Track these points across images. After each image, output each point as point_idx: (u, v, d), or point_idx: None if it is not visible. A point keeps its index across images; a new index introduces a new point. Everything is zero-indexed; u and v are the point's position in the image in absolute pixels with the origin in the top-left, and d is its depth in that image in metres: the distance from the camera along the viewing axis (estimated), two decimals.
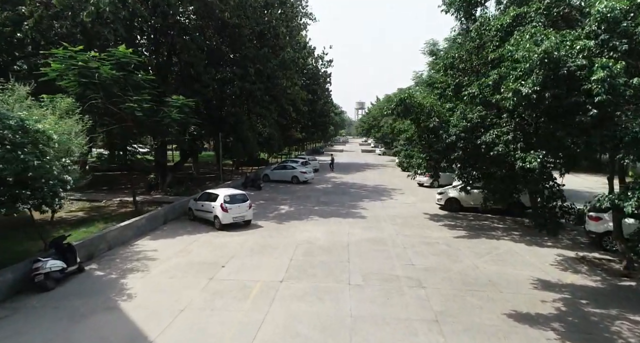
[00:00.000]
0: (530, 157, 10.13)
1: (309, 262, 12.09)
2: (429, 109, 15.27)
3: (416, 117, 15.44)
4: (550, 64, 8.98)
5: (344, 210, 20.12)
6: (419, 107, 15.12)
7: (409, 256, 12.79)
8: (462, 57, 15.51)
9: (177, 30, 21.67)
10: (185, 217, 17.99)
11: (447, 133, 14.71)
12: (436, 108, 15.57)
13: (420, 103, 15.13)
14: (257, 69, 24.48)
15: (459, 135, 14.26)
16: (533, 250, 13.54)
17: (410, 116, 15.61)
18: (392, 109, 15.33)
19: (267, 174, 31.59)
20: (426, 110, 15.21)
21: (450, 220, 18.18)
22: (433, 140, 15.74)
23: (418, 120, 15.64)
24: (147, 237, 14.58)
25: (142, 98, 15.40)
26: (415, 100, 15.11)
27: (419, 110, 15.15)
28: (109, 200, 20.91)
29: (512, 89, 9.55)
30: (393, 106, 15.23)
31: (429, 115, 15.23)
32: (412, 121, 16.36)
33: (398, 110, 15.19)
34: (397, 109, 15.13)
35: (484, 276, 11.01)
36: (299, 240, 14.43)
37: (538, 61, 9.02)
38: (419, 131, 16.41)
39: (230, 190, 16.86)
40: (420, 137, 16.70)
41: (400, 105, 14.93)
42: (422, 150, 17.40)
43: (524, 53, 9.44)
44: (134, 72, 15.71)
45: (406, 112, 15.14)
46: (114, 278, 10.43)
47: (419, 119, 15.50)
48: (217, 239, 14.57)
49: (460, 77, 15.72)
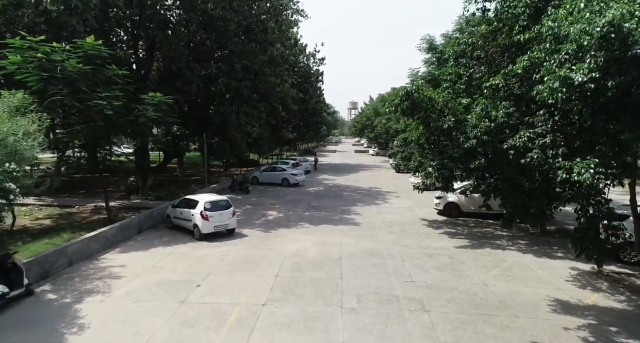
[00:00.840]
0: (579, 167, 7.74)
1: (297, 279, 10.71)
2: (442, 106, 13.05)
3: (425, 115, 13.23)
4: (615, 41, 6.98)
5: (337, 216, 18.78)
6: (430, 103, 12.92)
7: (409, 271, 11.48)
8: (476, 44, 13.41)
9: (157, 22, 20.13)
10: (164, 225, 16.48)
11: (464, 135, 12.35)
12: (451, 104, 13.17)
13: (431, 98, 12.99)
14: (244, 65, 23.03)
15: (480, 138, 11.76)
16: (543, 262, 12.32)
17: (418, 114, 13.45)
18: (396, 105, 13.12)
19: (256, 176, 30.12)
20: (438, 107, 13.01)
21: (450, 227, 16.92)
22: (447, 145, 13.50)
23: (427, 120, 13.40)
24: (117, 249, 13.07)
25: (112, 94, 13.90)
26: (424, 94, 12.97)
27: (429, 106, 12.94)
28: (82, 205, 19.32)
29: (562, 76, 7.43)
30: (397, 101, 13.05)
31: (441, 113, 12.99)
32: (420, 120, 14.02)
33: (403, 107, 13.01)
34: (402, 104, 12.94)
35: (494, 296, 9.73)
36: (286, 252, 13.05)
37: (598, 38, 7.03)
38: (428, 133, 14.06)
39: (212, 196, 15.39)
40: (430, 140, 14.45)
41: (406, 100, 12.74)
42: (432, 157, 15.10)
43: (583, 26, 7.28)
44: (105, 66, 14.24)
45: (413, 108, 12.94)
46: (68, 302, 8.93)
47: (429, 118, 13.31)
48: (196, 251, 13.11)
49: (476, 67, 13.63)
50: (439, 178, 14.79)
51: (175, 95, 20.36)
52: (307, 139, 70.81)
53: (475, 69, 13.66)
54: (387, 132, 48.94)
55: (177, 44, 20.77)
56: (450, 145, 13.27)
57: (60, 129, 15.25)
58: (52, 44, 12.86)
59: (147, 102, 15.60)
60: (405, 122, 17.41)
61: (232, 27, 22.19)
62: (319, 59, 47.28)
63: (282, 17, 26.42)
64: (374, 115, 64.21)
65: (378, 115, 59.88)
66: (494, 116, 11.61)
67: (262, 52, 24.22)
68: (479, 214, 18.30)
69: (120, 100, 14.18)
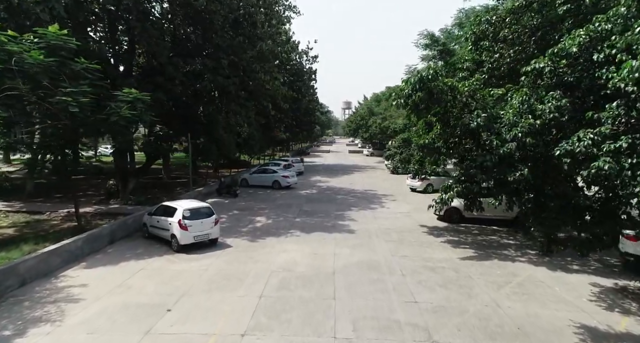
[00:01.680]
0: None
1: (284, 300, 9.35)
2: (467, 97, 10.44)
3: (444, 110, 10.62)
4: None
5: (330, 222, 17.44)
6: (451, 94, 10.23)
7: (410, 288, 10.17)
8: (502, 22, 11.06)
9: (136, 14, 18.63)
10: (140, 234, 15.01)
11: (498, 137, 9.77)
12: (479, 95, 10.57)
13: (453, 87, 10.30)
14: (232, 61, 21.60)
15: (520, 140, 9.22)
16: (559, 277, 11.09)
17: (435, 109, 10.76)
18: (406, 96, 10.37)
19: (246, 179, 28.67)
20: (462, 99, 10.39)
21: (452, 235, 15.67)
22: (471, 149, 10.97)
23: (447, 116, 10.77)
24: (82, 264, 11.59)
25: (79, 90, 12.43)
26: (444, 81, 10.20)
27: (451, 98, 10.28)
28: (54, 211, 17.76)
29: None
30: (408, 91, 10.27)
31: (465, 107, 10.40)
32: (436, 117, 11.22)
33: (416, 99, 10.23)
34: (414, 96, 10.18)
35: (510, 320, 8.46)
36: (273, 266, 11.68)
37: None
38: (447, 134, 11.27)
39: (192, 203, 13.96)
40: (449, 143, 11.65)
41: (420, 89, 9.96)
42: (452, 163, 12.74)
43: None
44: (72, 59, 12.80)
45: (430, 101, 10.18)
46: (5, 337, 7.47)
47: (449, 114, 10.67)
48: (171, 266, 11.69)
49: (502, 50, 11.29)
50: (461, 193, 11.86)
51: (157, 92, 18.93)
52: (300, 139, 69.41)
53: (503, 52, 11.25)
54: (383, 132, 47.71)
55: (158, 37, 19.30)
56: (477, 150, 10.62)
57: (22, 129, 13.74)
58: (7, 33, 11.39)
59: (121, 99, 14.15)
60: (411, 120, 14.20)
61: (218, 21, 20.79)
62: (312, 57, 45.92)
63: (272, 10, 25.00)
64: (369, 114, 63.00)
65: (373, 115, 58.69)
66: (539, 111, 8.94)
67: (251, 47, 22.81)
68: (482, 220, 17.09)
69: (89, 97, 12.74)
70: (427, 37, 19.75)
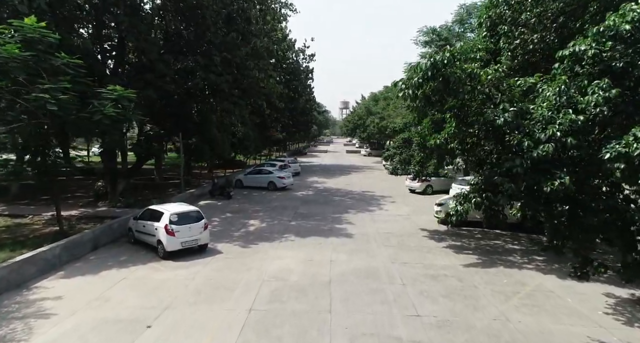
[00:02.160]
0: None
1: (275, 314, 8.61)
2: (491, 87, 8.80)
3: (461, 104, 8.95)
4: None
5: (327, 226, 16.70)
6: (470, 83, 8.51)
7: (412, 300, 9.45)
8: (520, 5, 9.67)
9: (124, 8, 17.82)
10: (126, 240, 14.22)
11: (530, 138, 8.15)
12: (505, 84, 8.85)
13: (472, 74, 8.51)
14: (224, 58, 20.81)
15: (559, 141, 7.73)
16: (570, 286, 10.38)
17: (450, 102, 9.03)
18: (416, 86, 8.52)
19: (240, 180, 27.88)
20: (485, 90, 8.77)
21: (454, 239, 14.97)
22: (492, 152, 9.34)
23: (464, 111, 9.07)
24: (60, 273, 10.79)
25: (58, 87, 11.64)
26: (462, 68, 8.41)
27: (470, 88, 8.57)
28: (37, 215, 16.96)
29: None
30: (418, 80, 8.45)
31: (489, 99, 8.78)
32: (450, 113, 9.51)
33: (426, 90, 8.55)
34: (425, 86, 8.49)
35: (522, 338, 7.74)
36: (265, 275, 10.94)
37: None
38: (462, 133, 9.53)
39: (180, 207, 13.18)
40: (466, 144, 9.89)
41: (432, 77, 8.23)
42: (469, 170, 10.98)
43: None
44: (52, 54, 12.05)
45: (445, 91, 8.50)
46: None
47: (467, 109, 8.99)
48: (156, 275, 10.92)
49: (525, 35, 9.84)
50: (481, 205, 9.86)
51: (147, 90, 18.16)
52: (297, 139, 68.65)
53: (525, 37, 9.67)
54: (381, 132, 47.01)
55: (148, 33, 18.52)
56: (502, 152, 8.87)
57: None
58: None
59: (105, 96, 13.37)
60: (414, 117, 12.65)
61: (211, 16, 20.02)
62: (309, 55, 45.21)
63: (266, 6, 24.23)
64: (366, 114, 62.30)
65: (370, 114, 57.97)
66: (582, 104, 7.49)
67: (245, 44, 22.06)
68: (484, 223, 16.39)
69: (70, 94, 11.95)
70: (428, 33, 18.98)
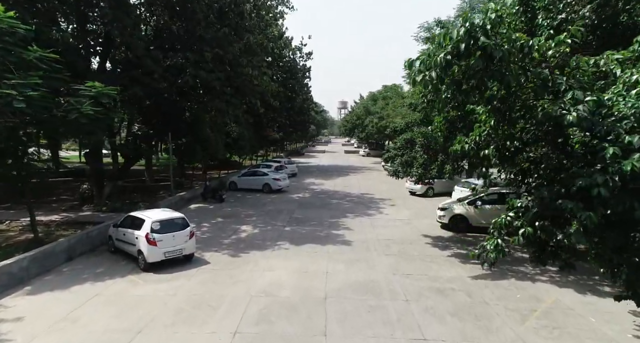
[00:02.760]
0: None
1: (263, 337, 7.60)
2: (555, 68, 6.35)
3: (507, 92, 6.59)
4: None
5: (323, 232, 15.70)
6: (522, 61, 6.17)
7: (417, 319, 8.45)
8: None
9: (108, 0, 16.77)
10: (105, 248, 13.18)
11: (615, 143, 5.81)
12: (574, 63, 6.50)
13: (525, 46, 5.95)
14: (216, 54, 19.76)
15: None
16: (591, 302, 9.42)
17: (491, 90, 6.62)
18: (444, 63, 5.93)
19: (234, 182, 26.84)
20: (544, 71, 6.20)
21: (459, 247, 13.98)
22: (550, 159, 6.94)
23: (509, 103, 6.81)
24: (26, 288, 9.74)
25: (27, 82, 10.61)
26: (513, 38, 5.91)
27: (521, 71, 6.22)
28: (15, 220, 15.92)
29: None
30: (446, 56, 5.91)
31: (545, 86, 6.25)
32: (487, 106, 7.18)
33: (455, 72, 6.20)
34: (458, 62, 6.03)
35: None
36: (254, 289, 9.92)
37: None
38: (505, 135, 7.41)
39: (164, 213, 12.14)
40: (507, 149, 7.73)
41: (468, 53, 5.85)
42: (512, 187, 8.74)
43: None
44: (24, 47, 11.04)
45: (486, 72, 6.06)
46: None
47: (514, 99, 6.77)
48: (134, 290, 9.89)
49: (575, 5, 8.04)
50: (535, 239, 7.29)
51: (134, 87, 17.15)
52: (294, 139, 67.63)
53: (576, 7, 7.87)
54: (380, 132, 46.03)
55: (134, 27, 17.47)
56: (565, 160, 6.61)
57: None
58: None
59: (83, 93, 12.34)
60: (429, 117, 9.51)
61: (202, 10, 18.98)
62: (306, 54, 44.18)
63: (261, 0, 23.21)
64: (365, 114, 61.30)
65: (369, 114, 56.98)
66: None
67: (237, 40, 21.02)
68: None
69: (41, 91, 10.92)
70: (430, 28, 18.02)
